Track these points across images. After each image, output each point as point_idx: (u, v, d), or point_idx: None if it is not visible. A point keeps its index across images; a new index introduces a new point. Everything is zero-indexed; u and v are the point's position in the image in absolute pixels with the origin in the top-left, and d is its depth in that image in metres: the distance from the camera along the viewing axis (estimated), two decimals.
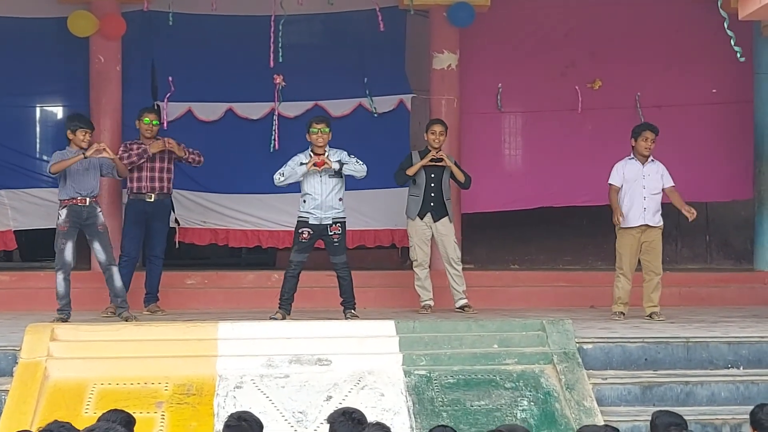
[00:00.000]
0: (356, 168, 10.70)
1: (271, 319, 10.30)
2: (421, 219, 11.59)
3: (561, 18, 13.19)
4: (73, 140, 10.51)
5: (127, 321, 10.03)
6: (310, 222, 10.63)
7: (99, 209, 10.46)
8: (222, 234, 12.86)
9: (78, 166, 10.35)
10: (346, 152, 10.80)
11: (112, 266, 10.44)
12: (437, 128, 11.65)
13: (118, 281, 10.46)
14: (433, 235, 11.65)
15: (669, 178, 11.07)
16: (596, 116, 12.83)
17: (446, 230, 11.66)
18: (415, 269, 11.65)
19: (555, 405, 8.01)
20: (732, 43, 8.67)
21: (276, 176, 10.76)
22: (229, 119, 12.86)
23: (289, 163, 10.75)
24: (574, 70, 13.16)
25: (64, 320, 10.07)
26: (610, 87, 13.13)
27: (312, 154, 10.70)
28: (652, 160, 11.01)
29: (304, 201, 10.70)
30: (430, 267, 11.78)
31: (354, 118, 12.89)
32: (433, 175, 11.58)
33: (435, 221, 11.59)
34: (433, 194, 11.58)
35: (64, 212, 10.31)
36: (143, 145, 11.28)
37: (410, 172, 11.53)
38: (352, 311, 10.71)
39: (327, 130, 10.71)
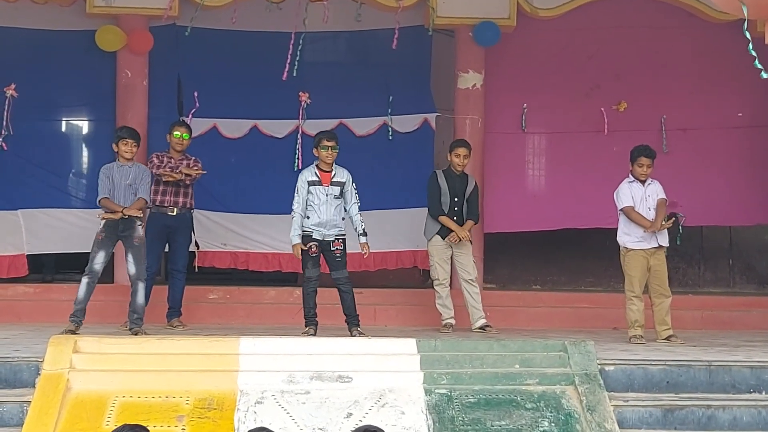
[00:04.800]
0: (355, 211, 10.73)
1: (302, 335, 10.31)
2: (443, 239, 11.59)
3: (587, 39, 13.19)
4: (118, 152, 10.57)
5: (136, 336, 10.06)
6: (314, 237, 10.65)
7: (138, 223, 10.48)
8: (242, 257, 12.85)
9: (122, 180, 10.42)
10: (350, 175, 10.80)
11: (139, 281, 10.46)
12: (461, 151, 11.66)
13: (141, 298, 10.47)
14: (452, 253, 11.66)
15: (663, 192, 10.97)
16: (621, 138, 12.81)
17: (466, 249, 11.67)
18: (436, 288, 11.64)
19: (576, 426, 7.97)
20: (756, 62, 8.65)
21: (293, 214, 10.73)
22: (253, 136, 12.90)
23: (299, 186, 10.73)
24: (600, 92, 13.16)
25: (75, 327, 10.12)
26: (636, 109, 13.12)
27: (318, 170, 10.73)
28: (651, 181, 10.94)
29: (308, 217, 10.67)
30: (450, 286, 11.77)
31: (378, 136, 12.92)
32: (456, 198, 11.58)
33: (457, 241, 11.60)
34: (455, 217, 11.59)
35: (102, 222, 10.41)
36: (172, 163, 11.32)
37: (441, 220, 11.57)
38: (358, 329, 10.66)
39: (337, 147, 10.74)
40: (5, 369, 8.22)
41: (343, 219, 10.76)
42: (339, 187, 10.69)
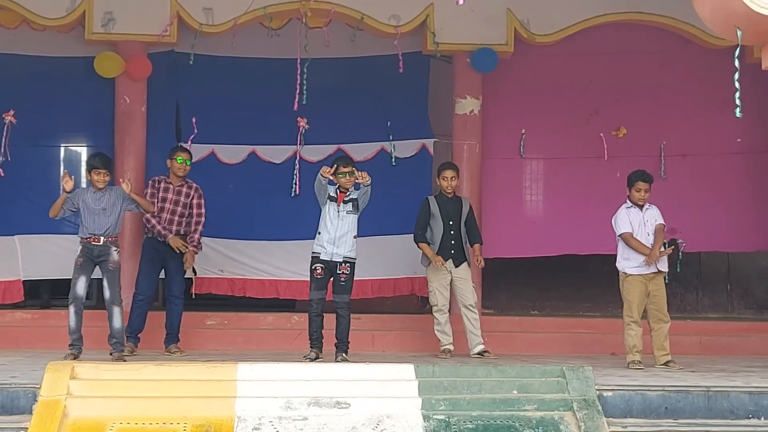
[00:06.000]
0: (364, 195, 10.70)
1: (305, 358, 10.32)
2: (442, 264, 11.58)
3: (585, 65, 13.23)
4: (90, 180, 10.55)
5: (117, 362, 10.04)
6: (321, 258, 10.64)
7: (114, 248, 10.42)
8: (239, 284, 12.84)
9: (95, 206, 10.39)
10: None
11: (114, 305, 10.42)
12: (448, 174, 11.67)
13: (117, 322, 10.43)
14: (451, 279, 11.64)
15: (660, 218, 10.95)
16: (621, 164, 12.83)
17: (465, 274, 11.65)
18: (435, 314, 11.62)
19: None
20: (736, 96, 8.70)
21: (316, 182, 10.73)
22: (251, 162, 12.91)
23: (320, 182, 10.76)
24: (599, 118, 13.19)
25: (75, 356, 10.15)
26: (635, 135, 13.15)
27: (339, 190, 10.73)
28: (649, 206, 10.93)
29: (320, 233, 10.70)
30: (449, 311, 11.75)
31: (376, 162, 12.92)
32: (451, 222, 11.58)
33: (456, 266, 11.60)
34: (453, 241, 11.58)
35: (80, 248, 10.44)
36: (165, 233, 11.32)
37: (421, 247, 11.56)
38: (344, 355, 10.62)
39: (354, 173, 10.70)
40: (2, 395, 8.18)
41: (354, 237, 10.71)
42: (351, 204, 10.71)
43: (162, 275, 11.59)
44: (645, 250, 10.69)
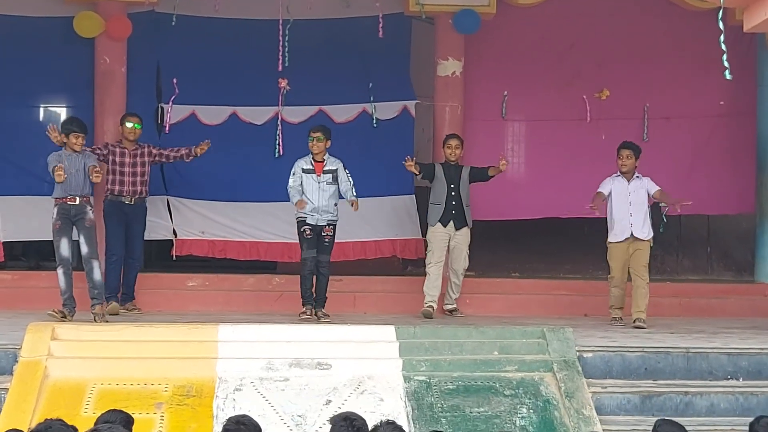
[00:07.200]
0: (347, 188, 11.12)
1: (301, 315, 10.83)
2: (444, 226, 11.67)
3: (567, 27, 13.17)
4: (66, 143, 10.60)
5: (95, 316, 10.27)
6: (308, 221, 11.07)
7: (89, 207, 10.60)
8: (220, 246, 12.80)
9: (72, 167, 10.46)
10: (342, 162, 11.13)
11: (93, 259, 10.55)
12: (453, 142, 11.86)
13: (97, 275, 10.55)
14: (449, 240, 11.70)
15: (654, 185, 11.18)
16: (603, 126, 12.85)
17: (463, 240, 11.80)
18: (428, 269, 11.68)
19: (554, 413, 8.01)
20: (724, 58, 8.70)
21: (289, 190, 11.16)
22: (232, 123, 12.84)
23: (293, 169, 11.17)
24: (581, 80, 13.15)
25: (65, 315, 10.25)
26: (618, 97, 13.12)
27: (313, 160, 11.09)
28: (638, 177, 11.14)
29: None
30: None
31: (358, 124, 12.90)
32: (452, 186, 11.67)
33: (457, 229, 11.68)
34: (454, 202, 11.72)
35: (55, 210, 10.55)
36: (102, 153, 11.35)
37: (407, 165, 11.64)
38: (323, 310, 11.08)
39: (322, 138, 11.09)
40: None
41: (336, 205, 11.12)
42: (330, 175, 11.10)
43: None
44: (593, 199, 11.06)
